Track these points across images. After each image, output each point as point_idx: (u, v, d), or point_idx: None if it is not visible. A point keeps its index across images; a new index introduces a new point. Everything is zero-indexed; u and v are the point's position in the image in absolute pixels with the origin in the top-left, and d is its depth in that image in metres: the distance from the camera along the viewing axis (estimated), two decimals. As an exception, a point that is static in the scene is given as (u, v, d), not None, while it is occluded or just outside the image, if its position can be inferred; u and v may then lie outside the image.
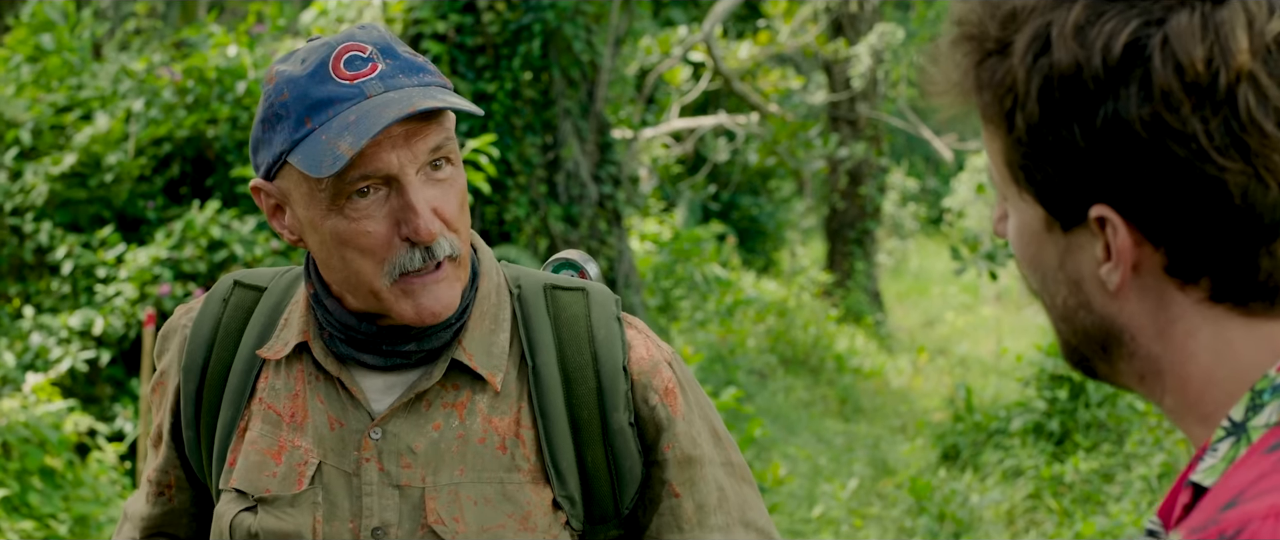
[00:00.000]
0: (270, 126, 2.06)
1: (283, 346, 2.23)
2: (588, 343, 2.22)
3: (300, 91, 2.03)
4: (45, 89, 10.09)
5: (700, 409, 2.29)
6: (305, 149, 2.00)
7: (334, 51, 2.04)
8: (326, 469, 2.18)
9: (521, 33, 11.19)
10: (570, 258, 2.53)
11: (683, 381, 2.28)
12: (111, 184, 9.47)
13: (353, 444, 2.17)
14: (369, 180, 2.01)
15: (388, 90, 2.01)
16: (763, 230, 23.06)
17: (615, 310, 2.27)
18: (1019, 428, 11.24)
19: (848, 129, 20.81)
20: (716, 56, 17.29)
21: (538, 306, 2.25)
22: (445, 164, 2.07)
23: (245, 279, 2.35)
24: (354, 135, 1.95)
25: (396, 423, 2.16)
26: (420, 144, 2.02)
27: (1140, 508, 9.28)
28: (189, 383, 2.30)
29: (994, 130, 1.35)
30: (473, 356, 2.17)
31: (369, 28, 2.09)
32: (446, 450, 2.16)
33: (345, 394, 2.19)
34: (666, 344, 2.33)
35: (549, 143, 11.50)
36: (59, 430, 7.26)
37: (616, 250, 12.06)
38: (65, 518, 6.95)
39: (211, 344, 2.30)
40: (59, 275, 9.11)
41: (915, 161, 32.74)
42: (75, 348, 8.55)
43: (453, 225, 2.08)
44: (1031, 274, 1.40)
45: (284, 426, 2.21)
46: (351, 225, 2.04)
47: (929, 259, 29.60)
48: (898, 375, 17.11)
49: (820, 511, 10.07)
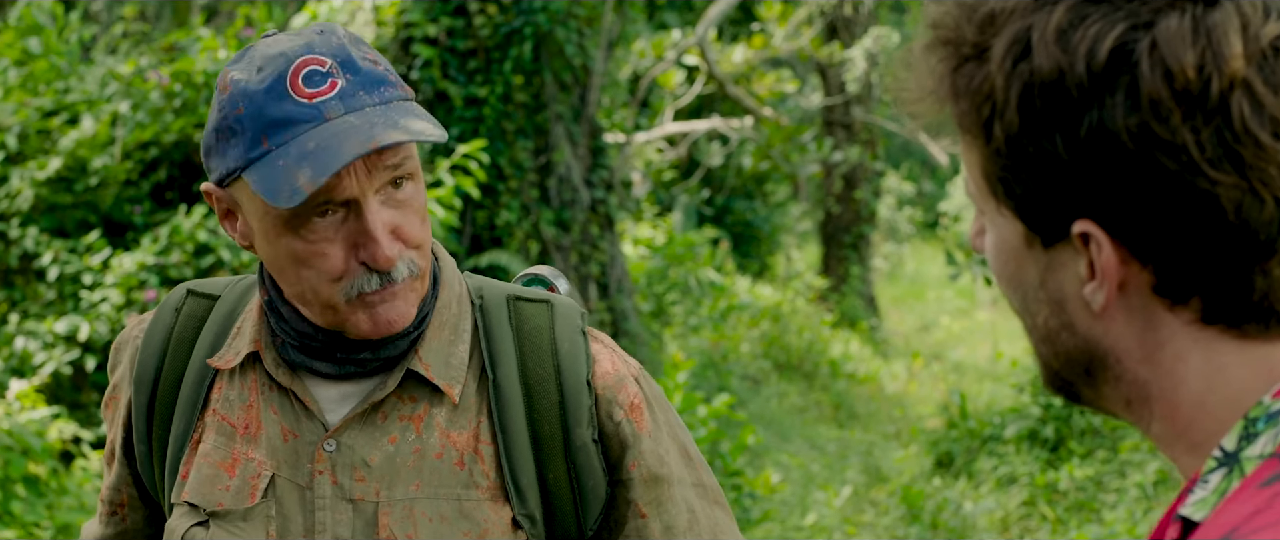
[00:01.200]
0: (225, 138, 1.98)
1: (234, 355, 2.16)
2: (551, 355, 2.15)
3: (256, 108, 1.94)
4: (32, 93, 10.02)
5: (669, 427, 2.22)
6: (262, 172, 1.92)
7: (292, 65, 1.95)
8: (280, 482, 2.11)
9: (513, 36, 11.14)
10: (540, 273, 2.46)
11: (650, 398, 2.21)
12: (97, 188, 9.41)
13: (306, 456, 2.10)
14: (329, 204, 1.95)
15: (348, 112, 1.93)
16: (757, 235, 23.00)
17: (580, 323, 2.20)
18: (1013, 434, 11.19)
19: (843, 133, 20.78)
20: (710, 60, 17.24)
21: (500, 318, 2.18)
22: (406, 181, 2.01)
23: (198, 288, 2.29)
24: (313, 169, 1.88)
25: (351, 434, 2.10)
26: (379, 167, 1.96)
27: (1135, 515, 9.24)
28: (140, 395, 2.24)
29: (971, 140, 1.28)
30: (430, 367, 2.10)
31: (328, 33, 2.01)
32: (402, 464, 2.09)
33: (298, 404, 2.12)
34: (634, 359, 2.26)
35: (541, 147, 11.45)
36: (43, 437, 7.19)
37: (609, 255, 12.02)
38: (49, 526, 6.89)
39: (163, 354, 2.23)
40: (45, 281, 9.04)
41: (911, 165, 32.70)
42: (60, 353, 8.48)
43: (412, 243, 2.02)
44: (1011, 293, 1.33)
45: (238, 438, 2.14)
46: (308, 247, 1.97)
47: (924, 263, 29.59)
48: (892, 381, 17.08)
49: (813, 519, 10.01)
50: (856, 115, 20.77)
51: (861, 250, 21.35)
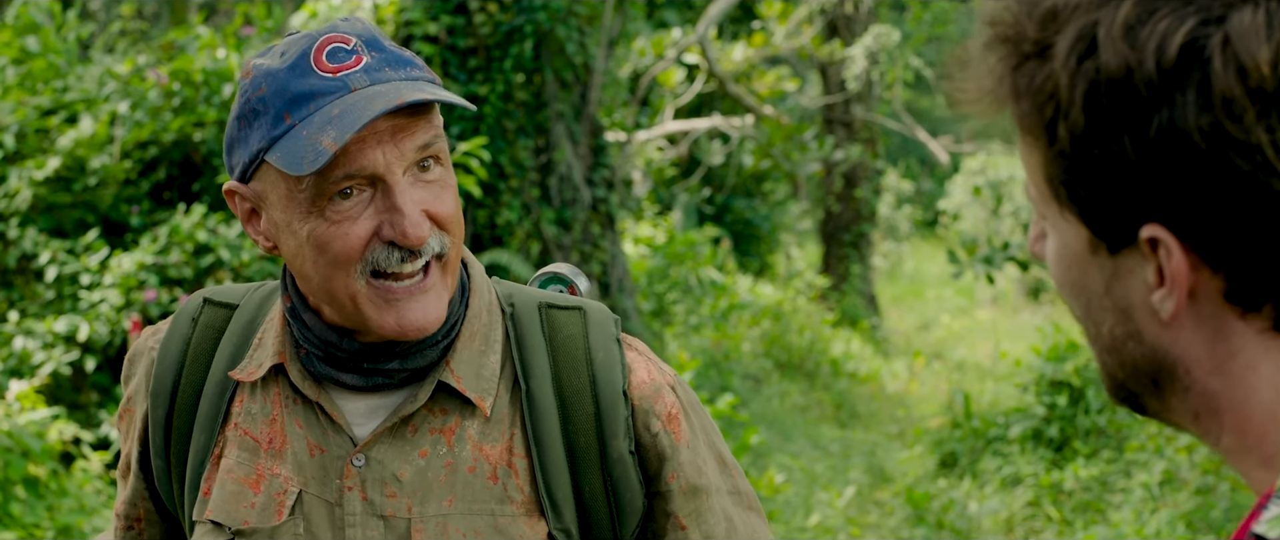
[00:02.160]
0: (247, 123, 1.92)
1: (256, 368, 2.09)
2: (585, 365, 2.09)
3: (279, 85, 1.89)
4: (30, 92, 9.98)
5: (705, 435, 2.17)
6: (284, 146, 1.86)
7: (316, 43, 1.91)
8: (307, 498, 2.04)
9: (513, 34, 11.10)
10: (560, 271, 2.39)
11: (687, 406, 2.15)
12: (96, 188, 9.36)
13: (335, 471, 2.04)
14: (353, 180, 1.88)
15: (373, 84, 1.88)
16: (757, 233, 22.98)
17: (615, 331, 2.13)
18: (1018, 434, 11.15)
19: (843, 131, 20.76)
20: (711, 58, 17.21)
21: (532, 326, 2.12)
22: (434, 164, 1.94)
23: (215, 296, 2.21)
24: (337, 130, 1.82)
25: (380, 449, 2.03)
26: (408, 141, 1.89)
27: (1141, 516, 9.19)
28: (157, 408, 2.16)
29: (1032, 142, 1.22)
30: (461, 379, 2.03)
31: (352, 20, 1.96)
32: (434, 479, 2.02)
33: (325, 418, 2.05)
34: (669, 366, 2.19)
35: (541, 146, 11.41)
36: (43, 439, 7.16)
37: (610, 254, 11.98)
38: (49, 527, 6.86)
39: (181, 367, 2.16)
40: (43, 281, 8.99)
41: (910, 164, 32.69)
42: (59, 353, 8.43)
43: (445, 225, 1.95)
44: (1074, 301, 1.27)
45: (262, 453, 2.07)
46: (332, 228, 1.90)
47: (924, 262, 29.60)
48: (893, 380, 17.05)
49: (817, 520, 9.96)
50: (857, 113, 20.75)
51: (862, 249, 21.33)
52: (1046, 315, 21.08)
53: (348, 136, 1.81)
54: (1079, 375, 11.21)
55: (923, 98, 32.40)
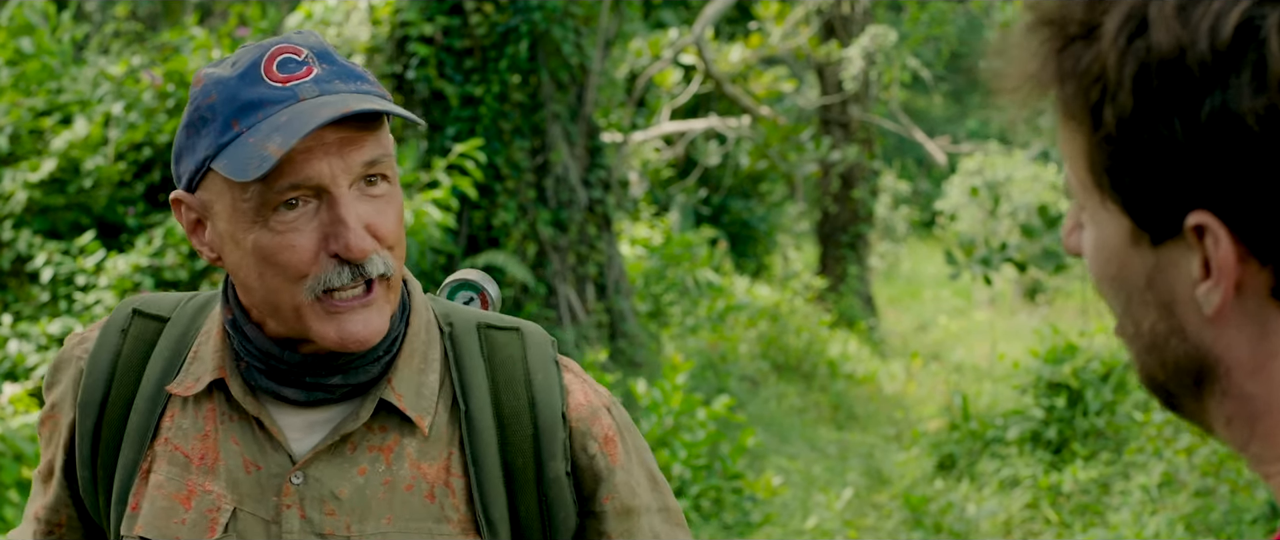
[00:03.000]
0: (195, 131, 1.91)
1: (194, 382, 2.07)
2: (525, 387, 2.10)
3: (228, 93, 1.88)
4: (25, 93, 9.94)
5: (638, 454, 2.18)
6: (231, 153, 1.85)
7: (267, 53, 1.90)
8: (243, 516, 2.03)
9: (509, 35, 11.08)
10: (469, 278, 2.39)
11: (622, 428, 2.16)
12: (91, 190, 9.33)
13: (272, 488, 2.02)
14: (298, 190, 1.87)
15: (322, 94, 1.88)
16: (754, 234, 22.96)
17: (552, 353, 2.15)
18: (1016, 436, 11.13)
19: (840, 132, 20.74)
20: (707, 59, 17.19)
21: (470, 346, 2.12)
22: (381, 181, 1.93)
23: (145, 307, 2.19)
24: (284, 136, 1.81)
25: (319, 466, 2.02)
26: (355, 155, 1.88)
27: (1140, 518, 9.17)
28: (85, 419, 2.14)
29: (1075, 128, 1.18)
30: (402, 397, 2.03)
31: (306, 33, 1.96)
32: (372, 497, 2.02)
33: (263, 434, 2.04)
34: (603, 388, 2.20)
35: (537, 147, 11.39)
36: (35, 442, 7.12)
37: (606, 255, 11.96)
38: (42, 532, 6.80)
39: (111, 379, 2.14)
40: (38, 283, 8.96)
41: (906, 164, 32.68)
42: (53, 355, 8.39)
43: (387, 243, 1.94)
44: (1113, 296, 1.23)
45: (193, 469, 2.06)
46: (276, 239, 1.89)
47: (921, 263, 29.60)
48: (891, 381, 17.03)
49: (814, 523, 9.94)
50: (853, 114, 20.73)
51: (859, 250, 21.32)
52: (1044, 316, 21.06)
53: (293, 142, 1.80)
54: (1077, 377, 11.20)
55: (919, 98, 32.40)
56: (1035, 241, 11.77)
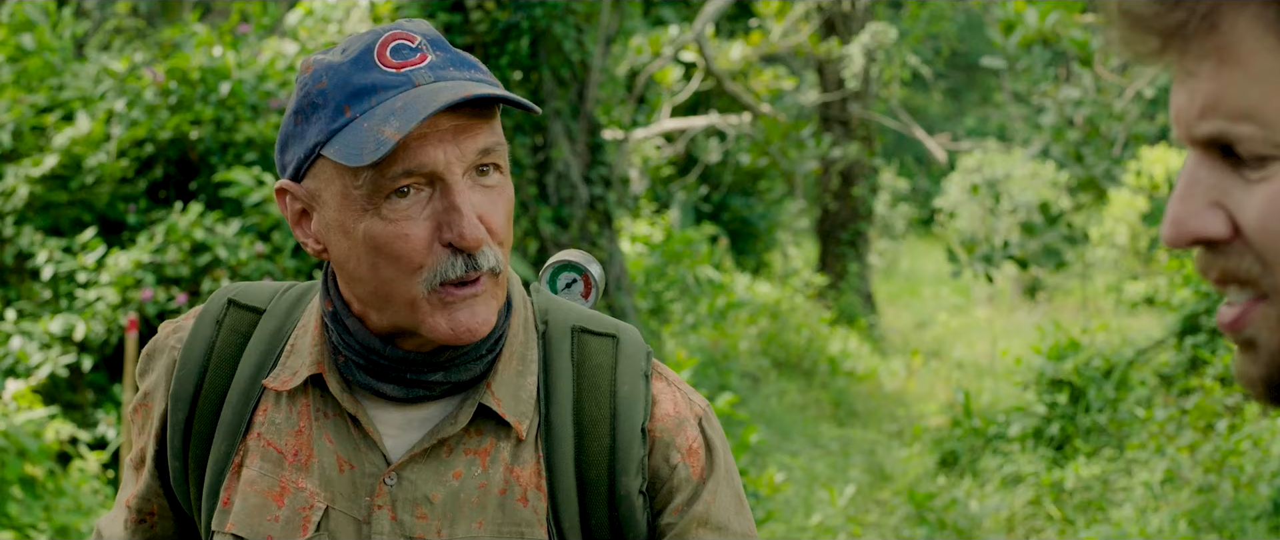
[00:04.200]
0: (304, 118, 1.88)
1: (290, 376, 2.03)
2: (608, 398, 2.03)
3: (341, 78, 1.86)
4: (26, 89, 9.93)
5: (727, 473, 2.09)
6: (344, 138, 1.83)
7: (380, 39, 1.87)
8: (335, 514, 2.00)
9: (510, 32, 11.06)
10: (571, 259, 2.34)
11: (711, 441, 2.08)
12: (93, 186, 9.32)
13: (365, 489, 1.99)
14: (412, 177, 1.83)
15: (438, 81, 1.85)
16: (754, 232, 22.95)
17: (645, 365, 2.07)
18: (1018, 433, 11.13)
19: (840, 129, 20.73)
20: (708, 56, 17.17)
21: (562, 350, 2.06)
22: (494, 171, 1.90)
23: (241, 298, 2.15)
24: (401, 120, 1.79)
25: (414, 469, 1.98)
26: (469, 143, 1.85)
27: (1143, 515, 9.16)
28: (177, 411, 2.11)
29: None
30: (501, 401, 1.99)
31: (416, 21, 1.92)
32: (466, 501, 1.98)
33: (359, 433, 2.00)
34: (702, 400, 2.13)
35: (539, 144, 11.38)
36: (39, 438, 7.12)
37: (607, 253, 11.95)
38: (46, 528, 6.82)
39: (204, 371, 2.11)
40: (39, 280, 8.95)
41: (905, 161, 32.68)
42: (56, 353, 8.39)
43: (498, 237, 1.90)
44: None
45: (286, 466, 2.02)
46: (389, 227, 1.85)
47: (920, 260, 29.62)
48: (891, 378, 17.04)
49: (818, 519, 9.93)
50: (854, 111, 20.73)
51: (859, 247, 21.31)
52: (1043, 313, 21.07)
53: (412, 126, 1.77)
54: (1079, 374, 11.19)
55: (918, 96, 32.40)
56: (1036, 238, 11.76)
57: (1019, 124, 24.95)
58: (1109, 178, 12.13)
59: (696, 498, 2.04)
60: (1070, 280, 23.57)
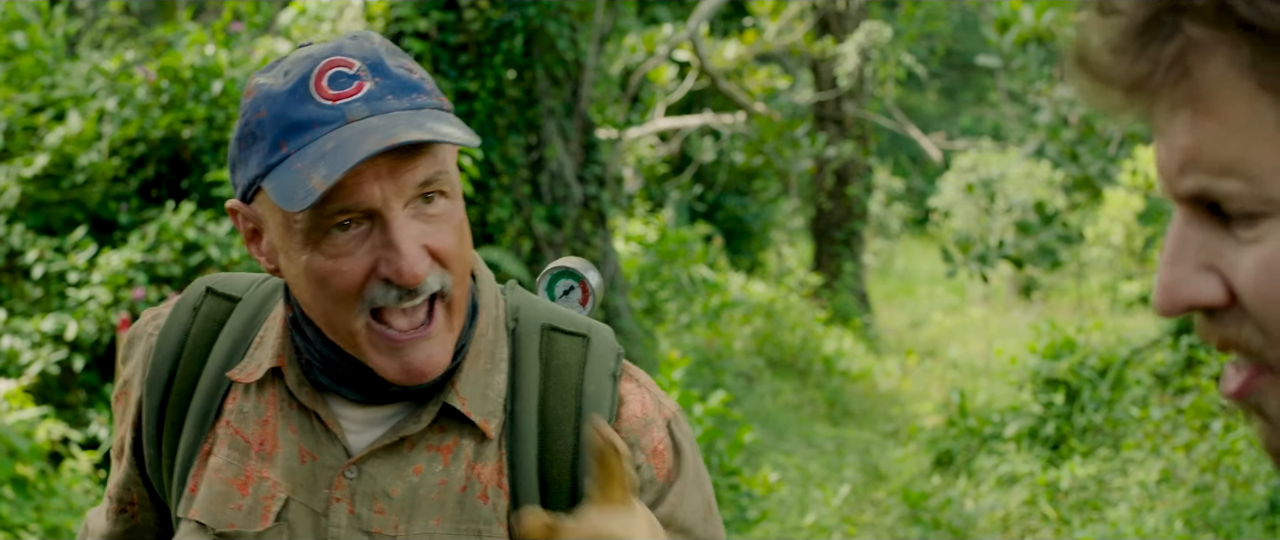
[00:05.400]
0: (246, 146, 1.85)
1: (255, 368, 2.02)
2: (574, 396, 2.01)
3: (278, 111, 1.81)
4: (18, 88, 9.89)
5: (695, 477, 2.06)
6: (278, 177, 1.78)
7: (318, 66, 1.82)
8: (294, 505, 1.98)
9: (504, 30, 11.04)
10: (570, 266, 2.30)
11: (679, 444, 2.05)
12: (84, 185, 9.29)
13: (324, 481, 1.97)
14: (349, 213, 1.80)
15: (372, 114, 1.79)
16: (749, 231, 22.95)
17: (614, 365, 2.05)
18: (1014, 432, 11.11)
19: (835, 128, 20.72)
20: (702, 55, 17.15)
21: (530, 347, 2.04)
22: (439, 197, 1.85)
23: (219, 286, 2.14)
24: (328, 167, 1.74)
25: (375, 463, 1.96)
26: (407, 177, 1.80)
27: (1139, 514, 9.15)
28: (151, 397, 2.10)
29: (1271, 96, 0.93)
30: (466, 401, 1.96)
31: (361, 38, 1.87)
32: (425, 497, 1.96)
33: (320, 426, 1.99)
34: (672, 403, 2.10)
35: (533, 142, 11.35)
36: (30, 438, 7.09)
37: (601, 252, 11.93)
38: (37, 529, 6.79)
39: (178, 357, 2.10)
40: (30, 279, 8.92)
41: (900, 160, 32.68)
42: (47, 352, 8.37)
43: (446, 261, 1.86)
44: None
45: (252, 455, 2.01)
46: (327, 263, 1.83)
47: (914, 259, 29.62)
48: (886, 378, 17.02)
49: (812, 519, 9.92)
50: (848, 110, 20.72)
51: (853, 246, 21.31)
52: (1038, 313, 21.06)
53: (336, 177, 1.73)
54: (1075, 373, 11.17)
55: (913, 95, 32.39)
56: (1031, 238, 11.74)
57: (1014, 123, 24.95)
58: (1104, 177, 12.10)
59: (661, 499, 2.01)
60: (1065, 280, 23.57)
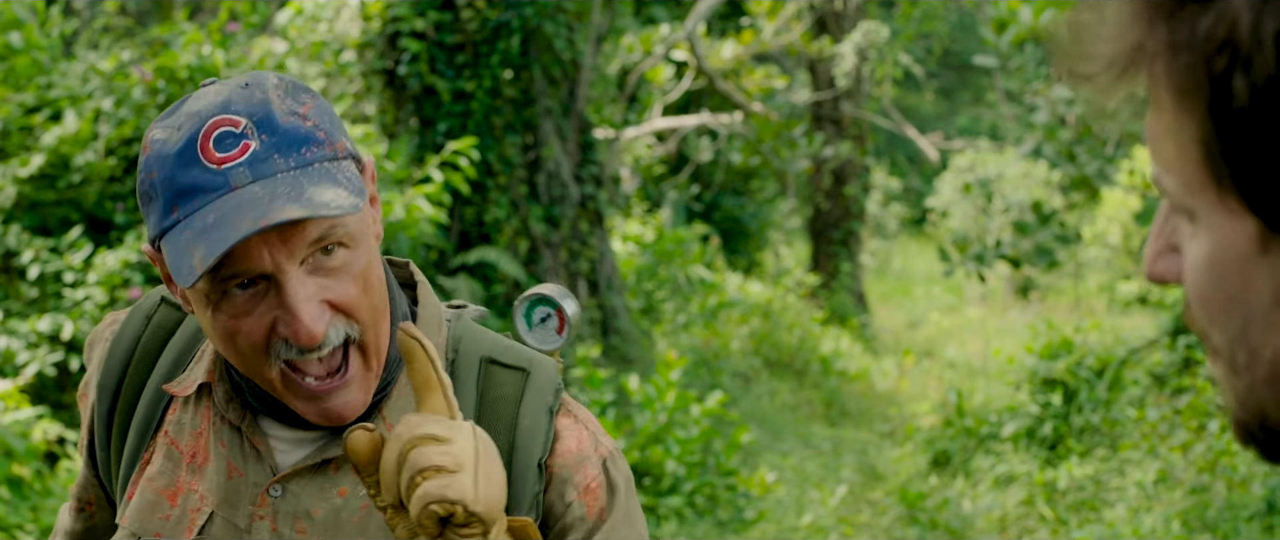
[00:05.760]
0: (145, 203, 1.83)
1: (191, 383, 2.03)
2: (509, 430, 1.99)
3: (167, 174, 1.78)
4: (14, 88, 9.88)
5: (626, 517, 2.03)
6: (170, 244, 1.77)
7: (204, 126, 1.78)
8: (218, 520, 1.98)
9: (501, 30, 11.03)
10: (547, 294, 2.29)
11: (614, 481, 2.03)
12: (80, 185, 9.28)
13: (248, 498, 1.97)
14: (240, 278, 1.79)
15: (256, 179, 1.75)
16: (746, 231, 22.94)
17: (552, 400, 2.02)
18: (1011, 433, 11.09)
19: (832, 128, 20.71)
20: (699, 55, 17.14)
21: (468, 380, 2.02)
22: (338, 248, 1.82)
23: (172, 296, 2.13)
24: (206, 247, 1.71)
25: (299, 483, 1.96)
26: (298, 239, 1.78)
27: (1136, 515, 9.14)
28: (102, 402, 2.11)
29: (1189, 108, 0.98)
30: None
31: (254, 84, 1.83)
32: (347, 519, 1.94)
33: (248, 444, 1.99)
34: (610, 441, 2.08)
35: (530, 142, 11.35)
36: (27, 438, 7.07)
37: (598, 252, 11.92)
38: (33, 529, 6.78)
39: (127, 364, 2.11)
40: (26, 279, 8.90)
41: (897, 160, 32.67)
42: (43, 352, 8.36)
43: (349, 311, 1.85)
44: (1223, 320, 1.02)
45: (184, 466, 2.01)
46: (230, 322, 1.82)
47: (911, 260, 29.62)
48: (883, 378, 17.01)
49: (809, 520, 9.90)
50: (846, 110, 20.71)
51: (851, 246, 21.29)
52: (1036, 313, 21.05)
53: (211, 260, 1.70)
54: (1072, 373, 11.16)
55: (910, 95, 32.39)
56: (1028, 238, 11.74)
57: (1011, 123, 24.94)
58: (1101, 177, 12.10)
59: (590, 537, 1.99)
60: (1063, 280, 23.57)
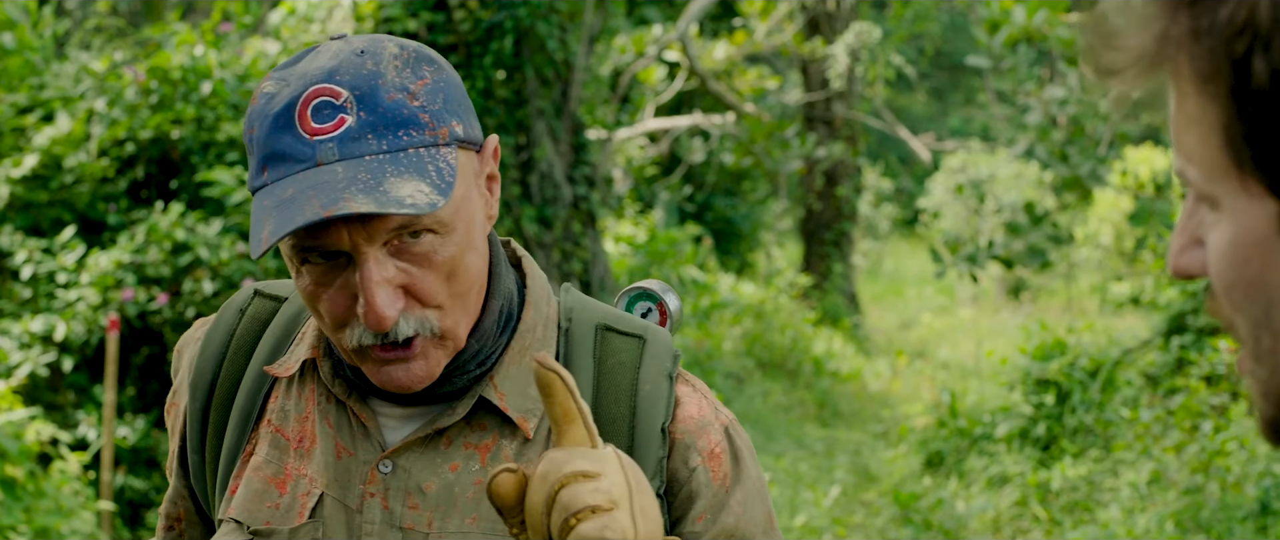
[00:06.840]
0: (249, 151, 1.80)
1: (294, 363, 1.98)
2: (629, 396, 1.94)
3: (264, 133, 1.76)
4: (6, 89, 9.86)
5: (754, 485, 2.00)
6: (256, 205, 1.75)
7: (306, 91, 1.75)
8: (328, 502, 1.93)
9: (494, 31, 11.02)
10: (648, 288, 2.23)
11: (737, 449, 1.99)
12: (73, 186, 9.26)
13: (359, 476, 1.92)
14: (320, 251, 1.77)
15: (342, 158, 1.72)
16: (738, 232, 22.95)
17: (670, 365, 1.98)
18: (1004, 433, 11.10)
19: (824, 129, 20.71)
20: (692, 56, 17.15)
21: (584, 347, 1.97)
22: (425, 234, 1.78)
23: (266, 288, 2.11)
24: (275, 223, 1.69)
25: (410, 458, 1.91)
26: (378, 224, 1.74)
27: (1130, 515, 9.14)
28: (195, 400, 2.06)
29: (1210, 95, 0.98)
30: (505, 396, 1.91)
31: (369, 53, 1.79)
32: (460, 495, 1.89)
33: (356, 421, 1.94)
34: (727, 410, 2.03)
35: (522, 143, 11.33)
36: (20, 439, 7.05)
37: (591, 253, 11.91)
38: (26, 530, 6.76)
39: (222, 358, 2.06)
40: (19, 280, 8.88)
41: (889, 161, 32.69)
42: (36, 353, 8.34)
43: (428, 300, 1.80)
44: (1247, 306, 1.00)
45: (291, 452, 1.97)
46: (315, 287, 1.80)
47: (903, 260, 29.63)
48: (876, 379, 17.01)
49: (803, 521, 9.90)
50: (838, 111, 20.71)
51: (843, 247, 21.30)
52: (1028, 314, 21.06)
53: (275, 240, 1.68)
54: (1066, 374, 11.17)
55: (902, 96, 32.41)
56: (1020, 239, 11.74)
57: (1003, 124, 24.95)
58: (1094, 177, 12.11)
59: (723, 507, 1.95)
60: (1055, 280, 23.59)
